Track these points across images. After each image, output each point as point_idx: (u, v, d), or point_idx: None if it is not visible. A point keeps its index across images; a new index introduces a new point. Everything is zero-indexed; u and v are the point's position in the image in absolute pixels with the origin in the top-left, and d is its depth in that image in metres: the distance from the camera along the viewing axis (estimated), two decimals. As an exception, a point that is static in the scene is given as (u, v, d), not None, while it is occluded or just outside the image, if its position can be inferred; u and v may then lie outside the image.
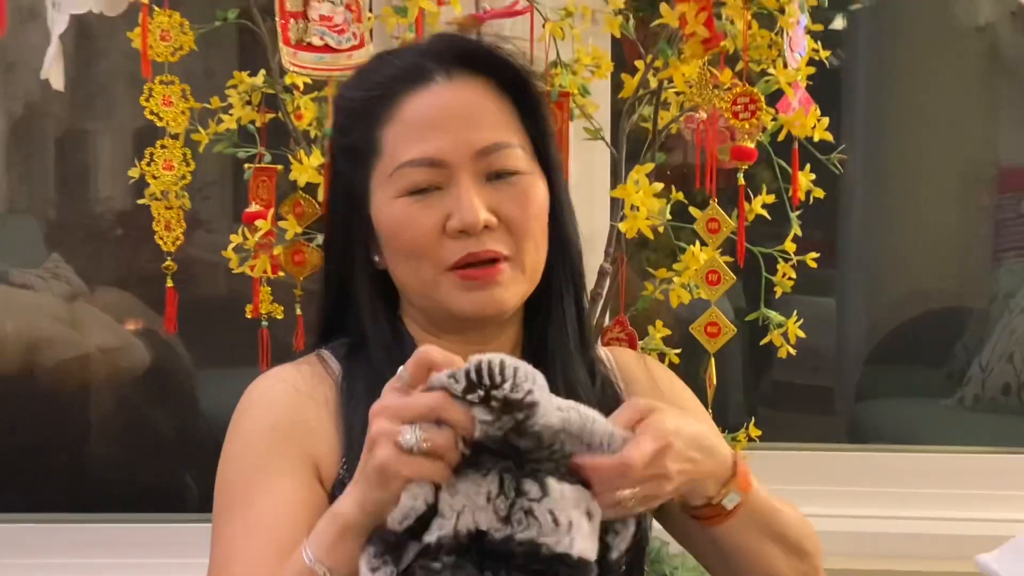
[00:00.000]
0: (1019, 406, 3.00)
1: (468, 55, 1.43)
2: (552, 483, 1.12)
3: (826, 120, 1.85)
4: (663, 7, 1.74)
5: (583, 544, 1.11)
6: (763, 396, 3.32)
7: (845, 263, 3.38)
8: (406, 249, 1.38)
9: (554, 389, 1.16)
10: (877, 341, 3.45)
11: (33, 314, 3.03)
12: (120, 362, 3.06)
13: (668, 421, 1.23)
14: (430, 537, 1.11)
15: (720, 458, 1.34)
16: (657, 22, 1.77)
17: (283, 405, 1.41)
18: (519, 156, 1.39)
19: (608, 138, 2.04)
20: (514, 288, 1.39)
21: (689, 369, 1.96)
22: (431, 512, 1.12)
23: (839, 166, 1.95)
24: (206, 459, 2.80)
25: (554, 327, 1.44)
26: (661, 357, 1.99)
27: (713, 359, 1.93)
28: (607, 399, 1.44)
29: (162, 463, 3.03)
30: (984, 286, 3.30)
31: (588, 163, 2.13)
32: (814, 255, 1.97)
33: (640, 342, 1.99)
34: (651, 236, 1.83)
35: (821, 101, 1.90)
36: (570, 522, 1.11)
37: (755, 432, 2.03)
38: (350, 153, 1.43)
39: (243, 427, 1.43)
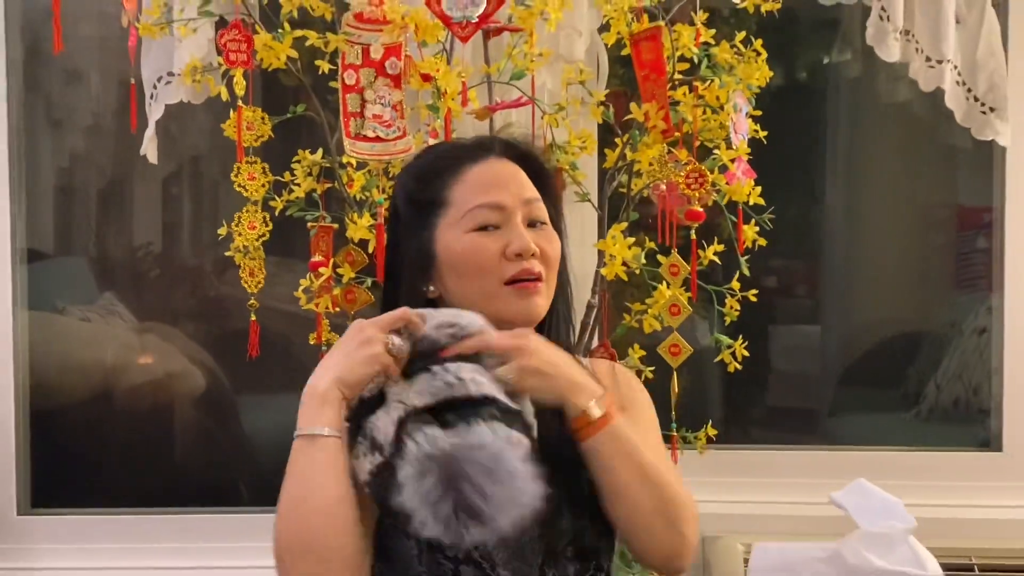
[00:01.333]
0: (967, 417, 3.40)
1: (508, 145, 1.94)
2: (452, 365, 1.67)
3: (758, 188, 2.39)
4: (632, 105, 2.29)
5: (484, 389, 1.65)
6: (754, 419, 3.71)
7: (826, 294, 3.78)
8: (475, 269, 1.85)
9: None
10: (848, 364, 3.82)
11: (108, 343, 3.47)
12: (181, 386, 3.50)
13: (532, 339, 1.75)
14: (394, 414, 1.64)
15: (588, 386, 1.78)
16: (627, 117, 2.32)
17: None
18: (545, 211, 1.91)
19: (594, 200, 2.58)
20: (544, 300, 1.89)
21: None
22: (380, 398, 1.67)
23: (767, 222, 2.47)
24: (252, 466, 3.37)
25: (551, 338, 1.90)
26: (639, 373, 2.50)
27: (676, 373, 2.46)
28: None
29: (220, 468, 3.49)
30: (942, 314, 3.62)
31: (579, 219, 2.56)
32: (754, 292, 2.49)
33: (621, 361, 2.52)
34: (626, 278, 2.37)
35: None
36: (471, 378, 1.65)
37: (712, 432, 2.55)
38: (420, 206, 1.91)
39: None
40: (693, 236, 2.36)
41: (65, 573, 3.08)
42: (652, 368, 2.53)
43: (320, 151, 2.47)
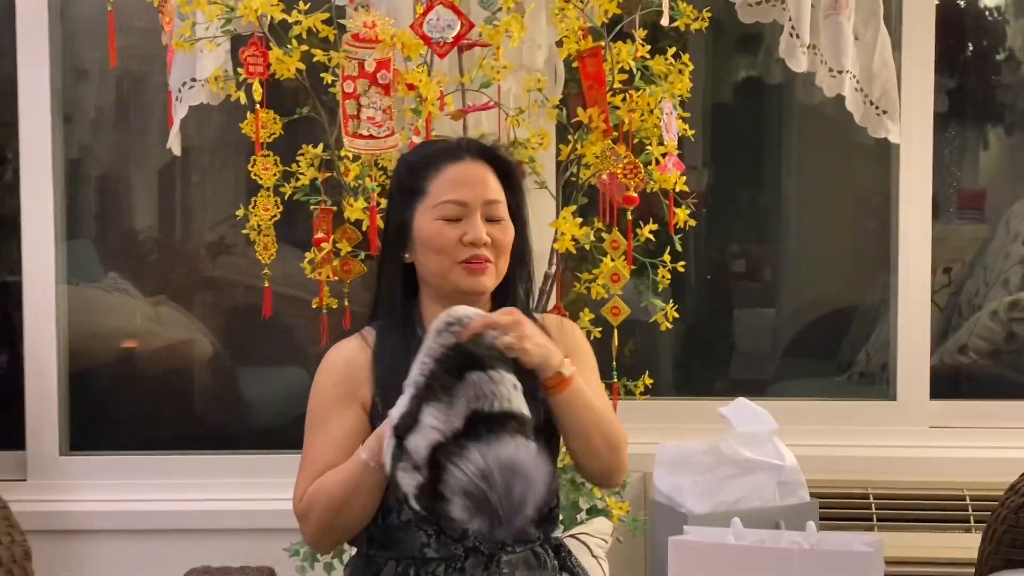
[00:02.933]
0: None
1: (483, 149, 2.36)
2: (501, 371, 2.09)
3: (683, 178, 2.89)
4: (579, 109, 2.80)
5: (505, 405, 2.05)
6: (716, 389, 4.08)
7: (780, 274, 4.24)
8: (437, 249, 2.26)
9: None
10: (792, 337, 4.27)
11: (129, 313, 3.92)
12: (193, 351, 3.96)
13: (519, 315, 2.15)
14: (431, 436, 2.03)
15: (559, 351, 2.19)
16: (575, 119, 2.82)
17: (341, 368, 2.35)
18: (503, 210, 2.34)
19: (551, 187, 3.08)
20: (490, 279, 2.32)
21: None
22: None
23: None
24: (252, 419, 3.78)
25: (509, 302, 2.35)
26: (588, 333, 2.99)
27: (616, 331, 2.95)
28: None
29: (227, 419, 3.96)
30: (875, 291, 3.98)
31: (538, 204, 2.96)
32: (682, 264, 2.96)
33: (576, 322, 3.00)
34: (575, 252, 2.87)
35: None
36: (497, 392, 2.05)
37: (648, 381, 3.01)
38: (407, 192, 2.33)
39: (320, 381, 2.37)
40: (629, 217, 2.85)
41: (98, 504, 3.57)
42: (600, 329, 3.01)
43: (321, 145, 2.93)
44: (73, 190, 3.83)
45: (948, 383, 3.91)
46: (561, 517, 2.88)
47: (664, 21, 2.88)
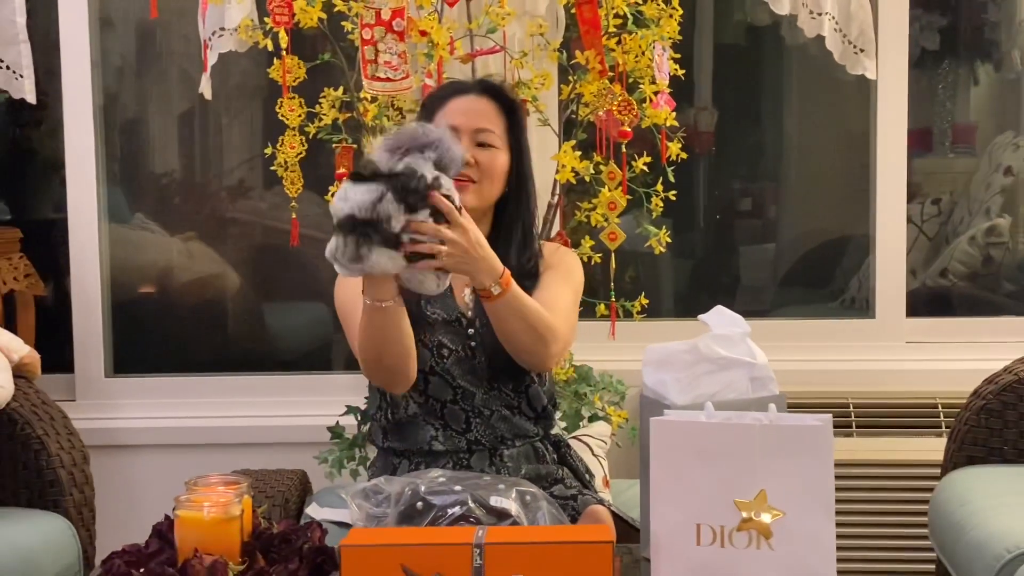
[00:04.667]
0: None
1: (487, 86, 2.66)
2: None
3: (673, 114, 3.14)
4: (577, 52, 3.06)
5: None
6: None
7: (781, 210, 4.47)
8: None
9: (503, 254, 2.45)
10: (788, 267, 4.47)
11: (163, 249, 4.19)
12: (222, 284, 4.24)
13: (465, 239, 2.25)
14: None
15: (493, 265, 2.32)
16: (572, 61, 3.09)
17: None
18: (495, 139, 2.60)
19: (554, 124, 3.35)
20: (473, 197, 2.51)
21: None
22: None
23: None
24: (278, 345, 4.04)
25: (508, 223, 2.63)
26: (589, 260, 3.26)
27: (613, 255, 3.22)
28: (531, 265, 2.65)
29: (258, 345, 4.26)
30: (865, 222, 4.10)
31: (542, 140, 3.35)
32: (674, 192, 3.23)
33: (575, 249, 3.27)
34: (575, 183, 3.14)
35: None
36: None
37: (644, 301, 3.29)
38: (423, 118, 2.61)
39: (340, 289, 2.60)
40: (623, 150, 3.11)
41: (139, 421, 3.88)
42: (600, 255, 3.28)
43: (341, 88, 3.19)
44: (105, 136, 4.05)
45: (929, 304, 4.18)
46: (564, 424, 3.19)
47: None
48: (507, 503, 2.09)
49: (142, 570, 2.09)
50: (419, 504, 2.10)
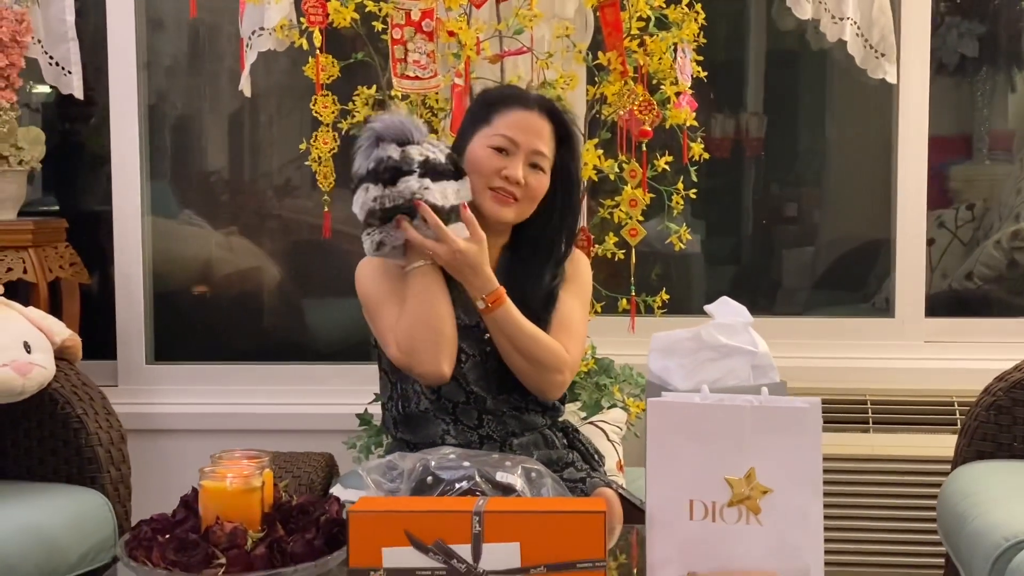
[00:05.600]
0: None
1: (551, 109, 2.65)
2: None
3: (693, 114, 3.24)
4: (600, 53, 3.16)
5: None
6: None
7: (823, 214, 4.53)
8: (477, 170, 2.56)
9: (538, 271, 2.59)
10: (824, 270, 4.54)
11: (205, 242, 4.33)
12: (261, 277, 4.36)
13: (462, 242, 2.45)
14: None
15: (484, 282, 2.48)
16: (595, 62, 3.19)
17: (377, 264, 2.61)
18: (546, 163, 2.61)
19: (580, 124, 3.42)
20: (512, 214, 2.59)
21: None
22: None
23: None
24: (315, 334, 4.11)
25: (549, 240, 2.67)
26: (613, 256, 3.36)
27: (633, 250, 3.31)
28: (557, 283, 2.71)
29: (294, 336, 4.35)
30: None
31: None
32: (694, 191, 3.33)
33: (597, 246, 3.37)
34: (596, 179, 3.23)
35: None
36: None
37: (665, 297, 3.38)
38: (475, 119, 2.63)
39: (364, 283, 2.66)
40: (644, 149, 3.21)
41: (179, 407, 4.02)
42: (623, 251, 3.38)
43: (374, 87, 3.31)
44: (151, 133, 4.20)
45: (953, 305, 4.25)
46: (584, 415, 3.28)
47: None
48: (512, 478, 2.19)
49: (167, 536, 2.22)
50: (429, 479, 2.20)
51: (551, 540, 1.86)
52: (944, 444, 3.45)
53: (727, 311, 2.43)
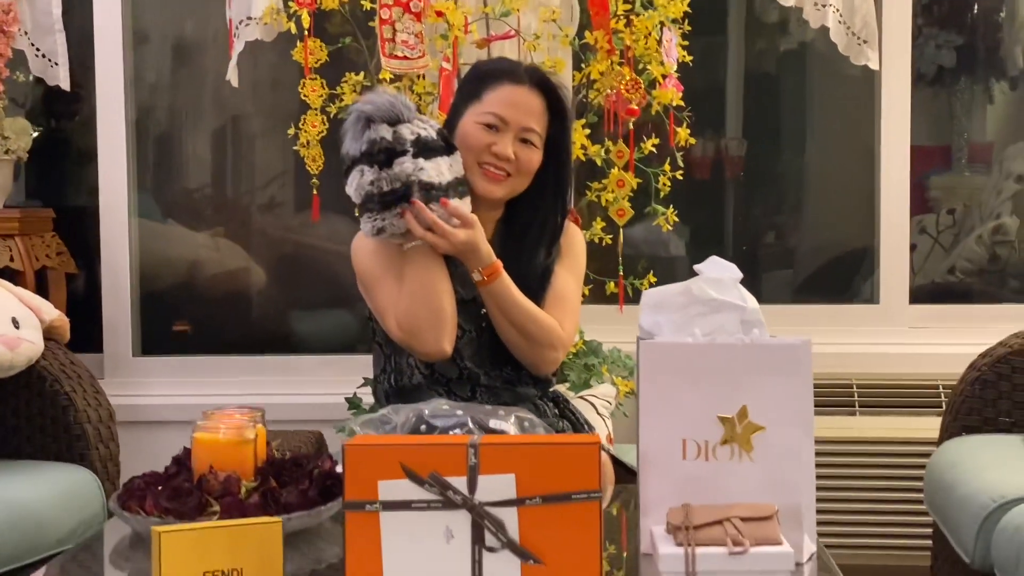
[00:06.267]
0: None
1: (542, 80, 2.64)
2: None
3: (679, 93, 3.27)
4: (587, 33, 3.20)
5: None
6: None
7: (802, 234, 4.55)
8: (467, 145, 2.57)
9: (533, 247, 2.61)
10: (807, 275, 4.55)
11: (192, 244, 4.34)
12: (247, 278, 4.36)
13: (460, 232, 2.47)
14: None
15: (482, 258, 2.50)
16: (582, 41, 3.22)
17: (372, 241, 2.61)
18: (537, 138, 2.61)
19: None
20: (502, 190, 2.62)
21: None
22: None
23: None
24: (299, 331, 4.13)
25: (543, 217, 2.69)
26: (600, 240, 3.39)
27: (621, 231, 3.34)
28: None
29: (278, 331, 4.35)
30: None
31: None
32: (681, 171, 3.36)
33: (586, 231, 3.38)
34: (583, 159, 3.26)
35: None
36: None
37: (652, 279, 3.40)
38: (466, 94, 2.65)
39: (360, 257, 2.66)
40: (631, 128, 3.24)
41: (165, 399, 4.02)
42: (610, 236, 3.41)
43: (362, 73, 3.34)
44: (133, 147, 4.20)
45: (935, 297, 4.27)
46: (573, 393, 3.29)
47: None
48: (505, 425, 2.20)
49: (159, 487, 2.22)
50: (423, 427, 2.22)
51: (546, 471, 1.87)
52: (929, 426, 3.46)
53: (717, 269, 2.45)
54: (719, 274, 2.40)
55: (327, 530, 2.22)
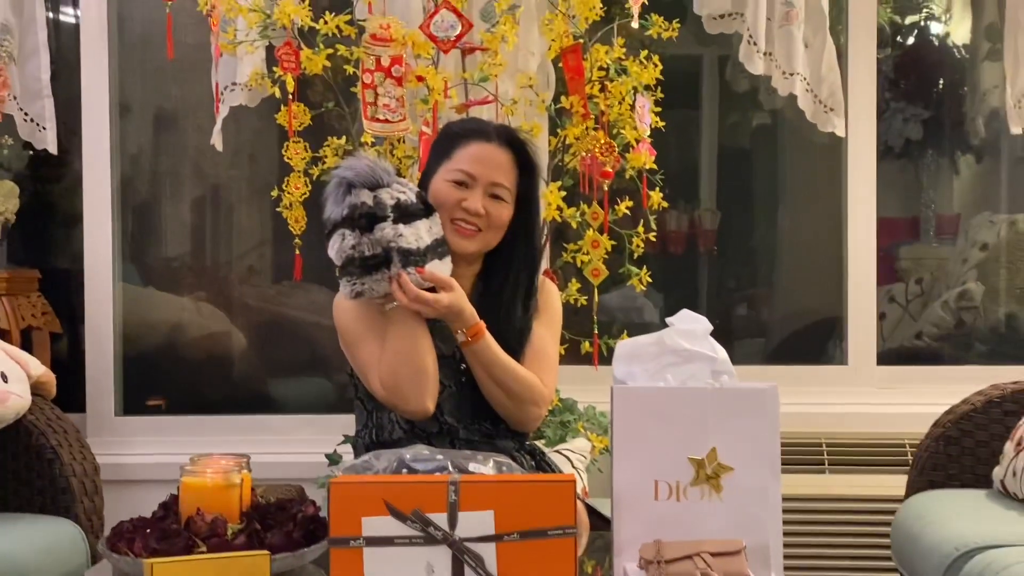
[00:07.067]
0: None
1: (510, 137, 2.71)
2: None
3: (652, 157, 3.37)
4: (562, 98, 3.30)
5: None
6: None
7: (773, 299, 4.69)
8: (439, 203, 2.61)
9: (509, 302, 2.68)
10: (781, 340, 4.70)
11: (174, 307, 4.41)
12: (228, 341, 4.44)
13: (444, 298, 2.53)
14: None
15: (466, 320, 2.56)
16: (558, 105, 3.33)
17: (353, 303, 2.65)
18: (506, 193, 2.69)
19: (544, 172, 3.55)
20: (474, 245, 2.66)
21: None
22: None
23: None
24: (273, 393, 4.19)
25: (516, 271, 2.74)
26: (576, 302, 3.47)
27: (596, 290, 3.42)
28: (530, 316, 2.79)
29: (257, 393, 4.42)
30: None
31: None
32: (653, 234, 3.45)
33: (563, 292, 3.46)
34: (559, 220, 3.35)
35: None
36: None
37: (624, 338, 3.45)
38: (438, 153, 2.71)
39: (342, 319, 2.71)
40: (606, 189, 3.34)
41: (146, 457, 4.07)
42: (585, 297, 3.49)
43: (344, 137, 3.43)
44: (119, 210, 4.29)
45: (903, 359, 4.39)
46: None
47: (634, 24, 3.37)
48: (484, 469, 2.26)
49: (148, 530, 2.28)
50: (404, 471, 2.28)
51: (523, 508, 1.95)
52: (896, 484, 3.53)
53: (688, 320, 2.53)
54: (690, 326, 2.49)
55: (310, 573, 2.28)
